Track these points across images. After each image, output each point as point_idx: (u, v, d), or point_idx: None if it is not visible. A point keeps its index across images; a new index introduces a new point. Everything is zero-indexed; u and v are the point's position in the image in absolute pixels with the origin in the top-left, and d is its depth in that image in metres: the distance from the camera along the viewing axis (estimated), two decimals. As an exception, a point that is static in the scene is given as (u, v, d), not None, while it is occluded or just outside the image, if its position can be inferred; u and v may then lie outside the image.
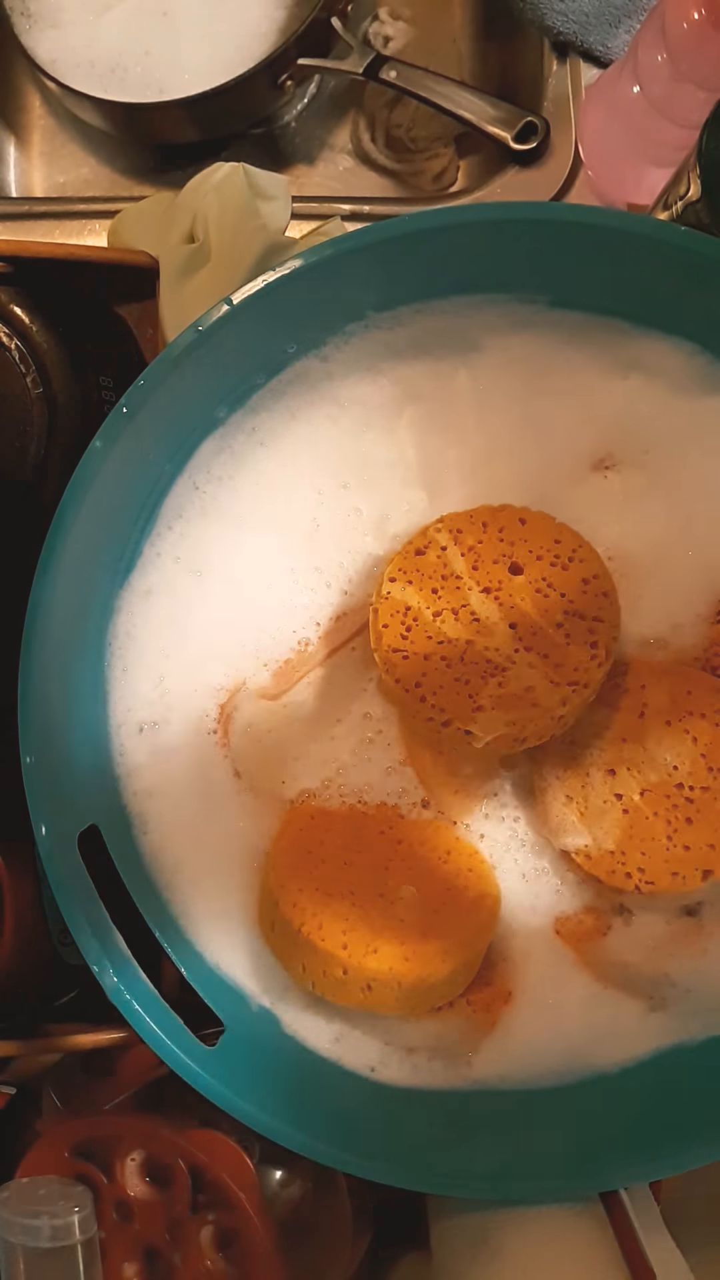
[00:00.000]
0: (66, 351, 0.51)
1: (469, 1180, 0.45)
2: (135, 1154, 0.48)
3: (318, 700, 0.49)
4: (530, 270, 0.47)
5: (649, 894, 0.45)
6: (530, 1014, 0.48)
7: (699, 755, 0.45)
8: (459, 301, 0.48)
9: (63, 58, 0.65)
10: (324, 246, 0.45)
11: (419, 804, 0.49)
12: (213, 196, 0.57)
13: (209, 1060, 0.44)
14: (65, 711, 0.46)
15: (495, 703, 0.44)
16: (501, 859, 0.48)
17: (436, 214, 0.45)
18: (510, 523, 0.46)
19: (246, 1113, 0.44)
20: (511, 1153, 0.46)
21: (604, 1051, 0.48)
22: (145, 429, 0.45)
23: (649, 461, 0.49)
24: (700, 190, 0.46)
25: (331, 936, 0.45)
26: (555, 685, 0.44)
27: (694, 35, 0.51)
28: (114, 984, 0.44)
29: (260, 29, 0.65)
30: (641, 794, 0.46)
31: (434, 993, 0.46)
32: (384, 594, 0.46)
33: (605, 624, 0.45)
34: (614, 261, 0.45)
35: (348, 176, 0.73)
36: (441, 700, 0.44)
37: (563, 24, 0.62)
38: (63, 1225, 0.45)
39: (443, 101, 0.63)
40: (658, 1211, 0.47)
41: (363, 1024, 0.48)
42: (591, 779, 0.47)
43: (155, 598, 0.49)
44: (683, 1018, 0.47)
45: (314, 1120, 0.45)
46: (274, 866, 0.47)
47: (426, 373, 0.49)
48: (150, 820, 0.48)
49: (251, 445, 0.49)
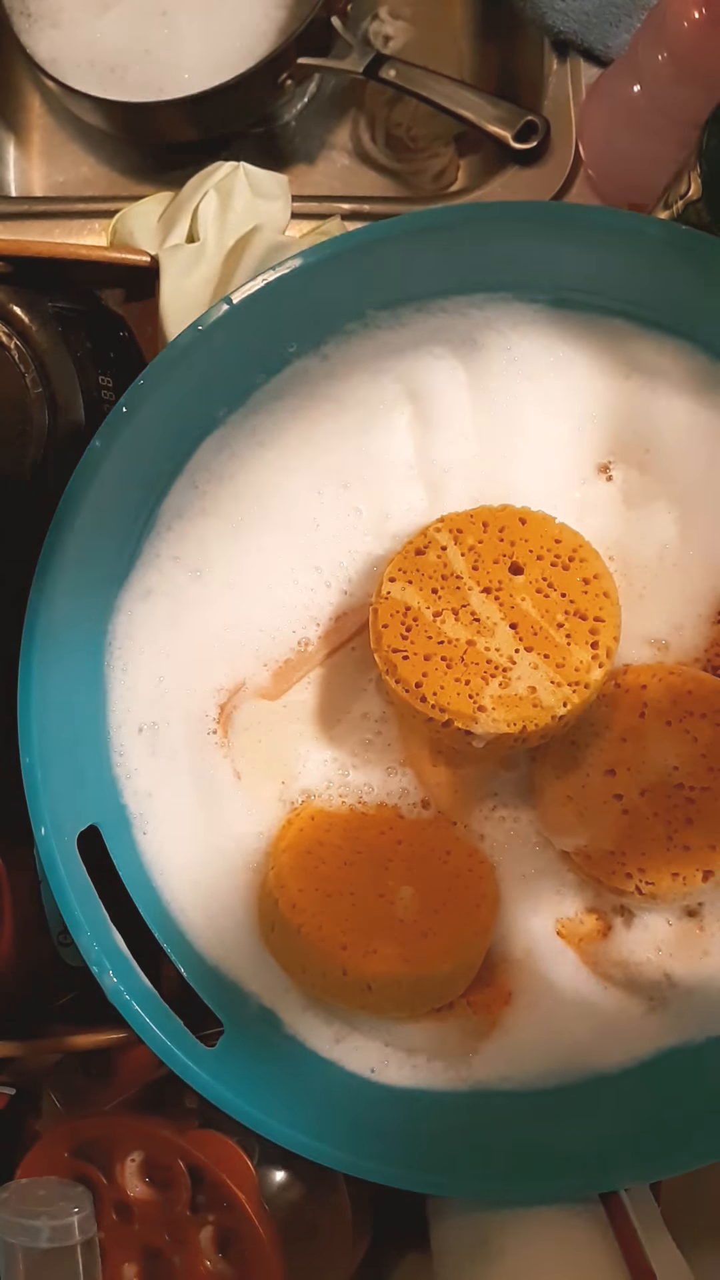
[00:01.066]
0: (66, 351, 0.51)
1: (469, 1181, 0.45)
2: (135, 1155, 0.48)
3: (317, 700, 0.49)
4: (531, 270, 0.47)
5: (649, 894, 0.45)
6: (531, 1014, 0.48)
7: (699, 755, 0.45)
8: (460, 301, 0.48)
9: (63, 57, 0.64)
10: (324, 246, 0.45)
11: (419, 804, 0.49)
12: (213, 196, 0.57)
13: (209, 1060, 0.44)
14: (65, 712, 0.46)
15: (496, 703, 0.44)
16: (501, 859, 0.48)
17: (437, 213, 0.45)
18: (511, 522, 0.46)
19: (246, 1113, 0.44)
20: (511, 1153, 0.46)
21: (604, 1052, 0.48)
22: (145, 429, 0.45)
23: (650, 462, 0.49)
24: (700, 189, 0.46)
25: (331, 937, 0.45)
26: (556, 686, 0.44)
27: (694, 35, 0.51)
28: (114, 984, 0.44)
29: (260, 29, 0.64)
30: (641, 794, 0.46)
31: (434, 993, 0.46)
32: (384, 594, 0.46)
33: (606, 624, 0.45)
34: (614, 261, 0.45)
35: (347, 176, 0.73)
36: (442, 700, 0.44)
37: (563, 23, 0.62)
38: (62, 1226, 0.45)
39: (443, 100, 0.63)
40: (658, 1211, 0.47)
41: (363, 1025, 0.48)
42: (591, 779, 0.46)
43: (155, 598, 0.48)
44: (683, 1018, 0.47)
45: (314, 1120, 0.45)
46: (274, 867, 0.47)
47: (427, 372, 0.49)
48: (150, 820, 0.48)
49: (251, 445, 0.49)
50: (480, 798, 0.49)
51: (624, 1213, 0.46)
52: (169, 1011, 0.44)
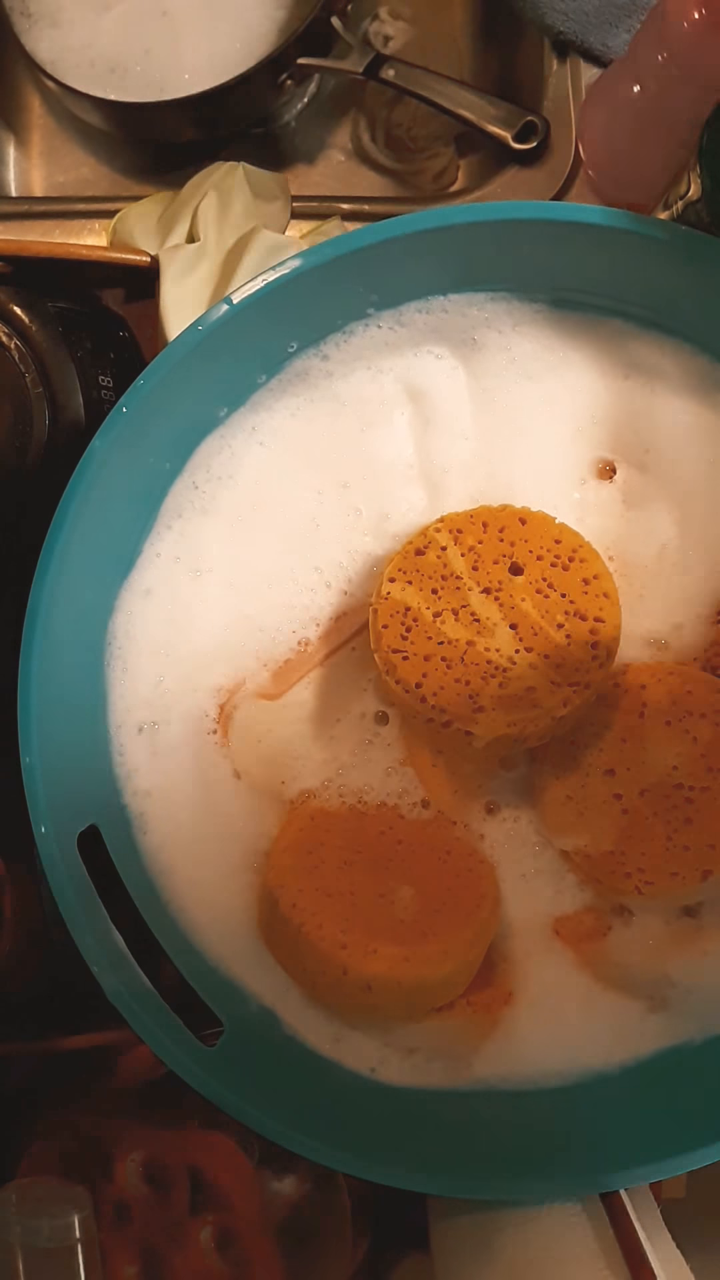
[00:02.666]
0: (66, 351, 0.51)
1: (469, 1181, 0.45)
2: (135, 1155, 0.47)
3: (317, 700, 0.49)
4: (531, 270, 0.47)
5: (648, 894, 0.45)
6: (530, 1014, 0.48)
7: (699, 755, 0.45)
8: (460, 300, 0.48)
9: (63, 58, 0.64)
10: (324, 246, 0.45)
11: (419, 804, 0.49)
12: (212, 196, 0.57)
13: (209, 1060, 0.44)
14: (65, 712, 0.46)
15: (496, 704, 0.44)
16: (501, 859, 0.48)
17: (437, 214, 0.44)
18: (510, 523, 0.46)
19: (246, 1113, 0.44)
20: (512, 1153, 0.46)
21: (604, 1052, 0.48)
22: (145, 429, 0.45)
23: (649, 462, 0.49)
24: (700, 190, 0.46)
25: (331, 936, 0.45)
26: (556, 686, 0.44)
27: (694, 35, 0.51)
28: (114, 984, 0.44)
29: (260, 29, 0.64)
30: (641, 794, 0.46)
31: (434, 993, 0.46)
32: (383, 594, 0.46)
33: (606, 624, 0.45)
34: (614, 261, 0.45)
35: (347, 176, 0.72)
36: (442, 701, 0.44)
37: (563, 23, 0.62)
38: (62, 1225, 0.45)
39: (443, 101, 0.63)
40: (658, 1211, 0.47)
41: (362, 1023, 0.48)
42: (591, 779, 0.46)
43: (155, 597, 0.48)
44: (683, 1018, 0.47)
45: (314, 1120, 0.45)
46: (274, 866, 0.47)
47: (427, 371, 0.49)
48: (150, 820, 0.48)
49: (251, 444, 0.49)
50: (480, 797, 0.49)
51: (624, 1212, 0.46)
52: (169, 1011, 0.44)
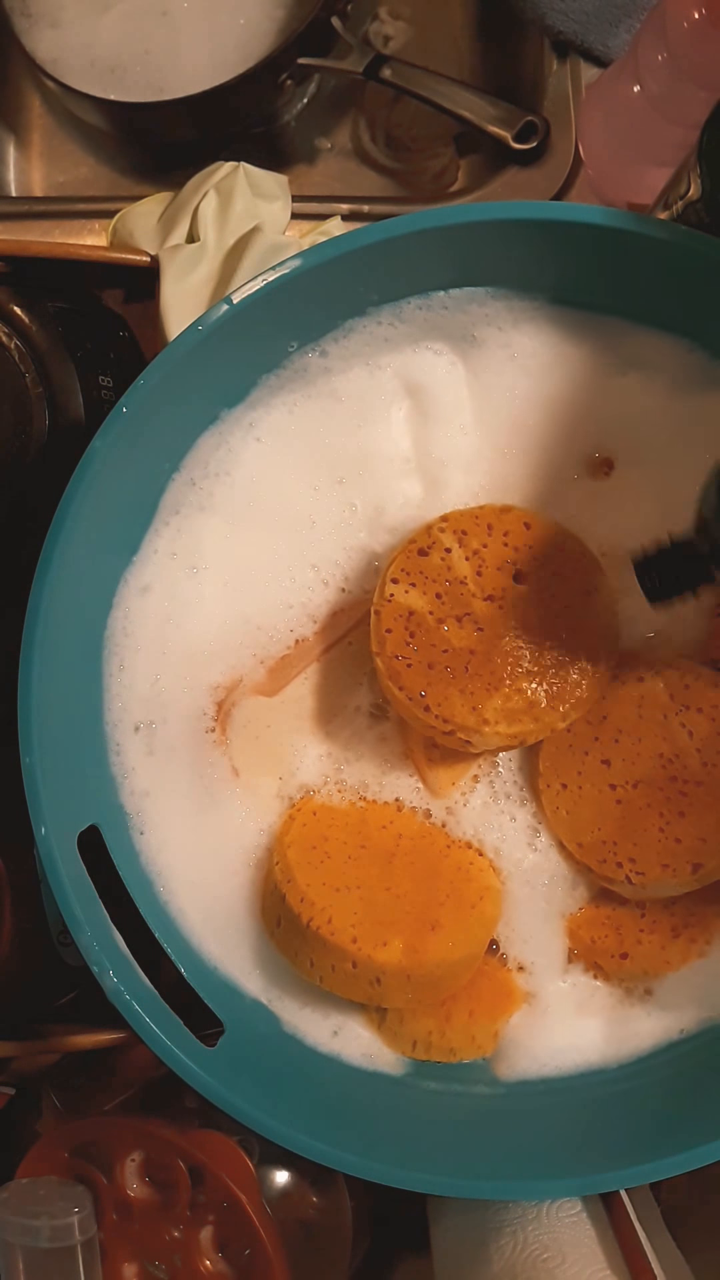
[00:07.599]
0: (66, 351, 0.51)
1: (470, 1180, 0.45)
2: (135, 1154, 0.47)
3: (314, 696, 0.49)
4: (530, 269, 0.47)
5: (639, 884, 0.45)
6: (531, 1011, 0.48)
7: (694, 749, 0.46)
8: (460, 296, 0.48)
9: (63, 58, 0.64)
10: (324, 246, 0.45)
11: (417, 798, 0.49)
12: (212, 196, 0.57)
13: (209, 1060, 0.44)
14: (64, 711, 0.46)
15: (499, 716, 0.44)
16: (500, 853, 0.48)
17: (437, 214, 0.44)
18: (515, 527, 0.46)
19: (246, 1113, 0.44)
20: (512, 1152, 0.46)
21: (605, 1050, 0.48)
22: (145, 428, 0.45)
23: (646, 458, 0.49)
24: (700, 190, 0.46)
25: (341, 930, 0.45)
26: (557, 699, 0.44)
27: (694, 35, 0.51)
28: (114, 984, 0.44)
29: (260, 29, 0.64)
30: (635, 785, 0.46)
31: (439, 986, 0.46)
32: (387, 596, 0.46)
33: (609, 636, 0.45)
34: (613, 260, 0.45)
35: (348, 176, 0.72)
36: (445, 712, 0.44)
37: (563, 23, 0.62)
38: (62, 1225, 0.45)
39: (442, 101, 0.63)
40: (658, 1211, 0.47)
41: (363, 1023, 0.48)
42: (586, 770, 0.47)
43: (152, 595, 0.48)
44: (684, 1017, 0.47)
45: (314, 1120, 0.45)
46: (279, 861, 0.47)
47: (425, 367, 0.49)
48: (149, 819, 0.48)
49: (248, 441, 0.49)
50: (478, 791, 0.49)
51: (624, 1212, 0.46)
52: (169, 1011, 0.44)
